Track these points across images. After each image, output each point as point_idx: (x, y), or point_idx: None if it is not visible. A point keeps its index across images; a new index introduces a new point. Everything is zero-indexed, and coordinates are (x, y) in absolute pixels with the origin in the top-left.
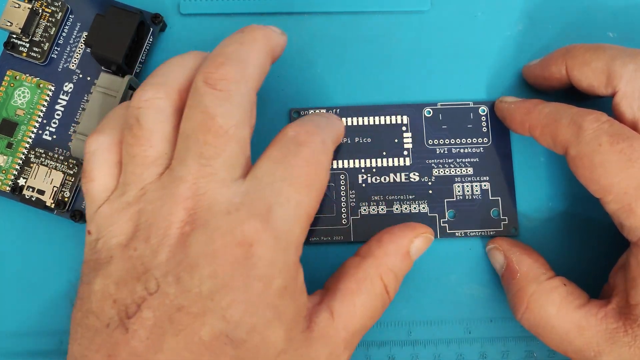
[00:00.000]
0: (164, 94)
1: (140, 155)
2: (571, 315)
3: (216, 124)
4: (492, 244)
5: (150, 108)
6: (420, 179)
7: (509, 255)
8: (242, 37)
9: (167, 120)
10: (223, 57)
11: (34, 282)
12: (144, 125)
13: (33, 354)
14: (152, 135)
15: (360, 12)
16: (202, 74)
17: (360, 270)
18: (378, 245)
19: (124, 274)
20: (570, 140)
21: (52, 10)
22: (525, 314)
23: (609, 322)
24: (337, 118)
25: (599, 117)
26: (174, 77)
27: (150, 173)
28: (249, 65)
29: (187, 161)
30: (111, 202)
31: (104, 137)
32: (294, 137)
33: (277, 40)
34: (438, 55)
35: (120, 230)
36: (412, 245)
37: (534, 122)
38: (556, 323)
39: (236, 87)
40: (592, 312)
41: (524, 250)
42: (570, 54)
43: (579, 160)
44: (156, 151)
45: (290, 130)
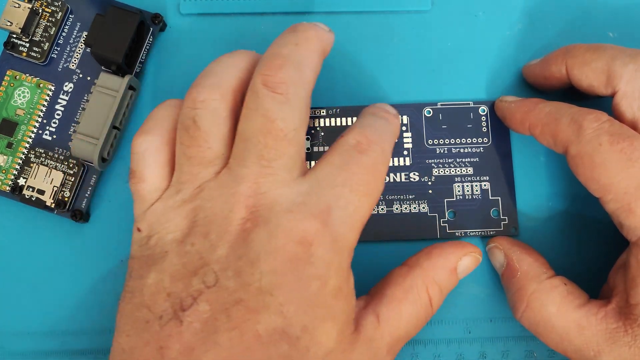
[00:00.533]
0: (219, 96)
1: (198, 156)
2: (571, 315)
3: (276, 128)
4: (492, 242)
5: (207, 109)
6: (420, 179)
7: (509, 254)
8: (297, 37)
9: (223, 121)
10: (281, 59)
11: (35, 282)
12: (201, 126)
13: (34, 353)
14: (209, 136)
15: (360, 12)
16: (260, 76)
17: (407, 279)
18: (427, 258)
19: (180, 267)
20: (570, 139)
21: (52, 10)
22: (525, 313)
23: (609, 322)
24: (394, 117)
25: (600, 117)
26: (227, 78)
27: (207, 172)
28: (306, 68)
29: (247, 162)
30: (165, 200)
31: (153, 137)
32: (356, 145)
33: (327, 39)
34: (438, 55)
35: (176, 226)
36: (460, 263)
37: (534, 120)
38: (556, 322)
39: (295, 90)
40: (592, 312)
41: (524, 249)
42: (570, 54)
43: (579, 160)
44: (213, 152)
45: (350, 137)
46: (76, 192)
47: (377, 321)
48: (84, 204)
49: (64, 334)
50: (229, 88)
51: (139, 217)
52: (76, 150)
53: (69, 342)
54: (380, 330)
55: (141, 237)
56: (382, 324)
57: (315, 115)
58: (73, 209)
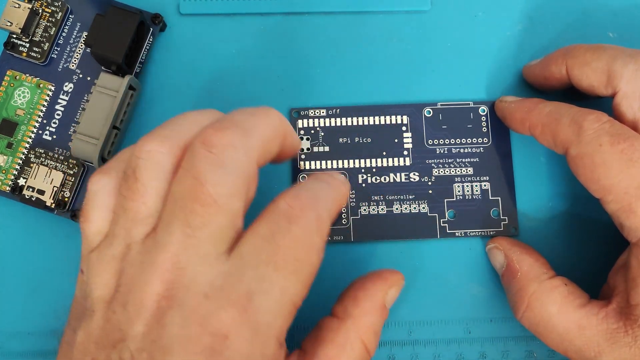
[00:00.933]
0: (167, 149)
1: (132, 210)
2: (572, 315)
3: (205, 192)
4: (492, 243)
5: (150, 161)
6: (420, 179)
7: (509, 255)
8: (256, 110)
9: (164, 176)
10: (228, 123)
11: (34, 282)
12: (140, 178)
13: (33, 353)
14: (146, 190)
15: (360, 12)
16: (201, 135)
17: (339, 334)
18: (355, 305)
19: (103, 335)
20: (571, 139)
21: (52, 10)
22: (526, 313)
23: (609, 322)
24: (340, 181)
25: (600, 117)
26: (182, 132)
27: (137, 232)
28: (253, 136)
29: (172, 227)
30: (100, 251)
31: (107, 180)
32: (286, 211)
33: (291, 131)
34: (438, 55)
35: (103, 283)
36: (387, 297)
37: (535, 121)
38: (557, 322)
39: (233, 154)
40: (592, 312)
41: (524, 249)
42: (570, 54)
43: (580, 160)
44: (147, 208)
45: (282, 202)
46: (76, 192)
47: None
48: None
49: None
50: (180, 144)
51: (83, 258)
52: (76, 150)
53: None
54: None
55: (82, 280)
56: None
57: (315, 115)
58: (73, 209)
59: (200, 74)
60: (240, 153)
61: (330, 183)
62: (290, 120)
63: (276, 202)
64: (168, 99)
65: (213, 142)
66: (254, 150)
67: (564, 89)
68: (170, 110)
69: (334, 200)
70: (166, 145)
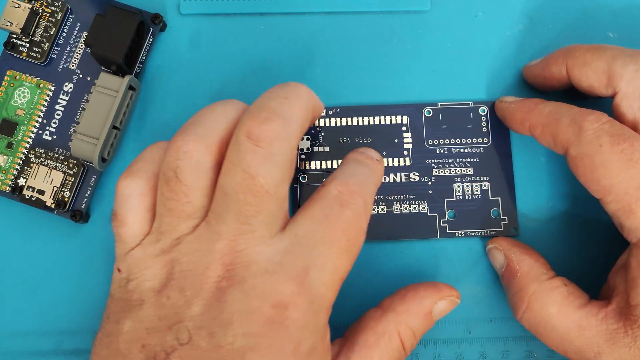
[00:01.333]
0: (205, 147)
1: (177, 209)
2: (572, 315)
3: (257, 184)
4: (492, 243)
5: (190, 161)
6: (420, 179)
7: (509, 255)
8: (287, 92)
9: (206, 175)
10: (267, 112)
11: (34, 282)
12: (183, 179)
13: (33, 353)
14: (190, 190)
15: (360, 12)
16: (244, 128)
17: (380, 324)
18: (401, 302)
19: (156, 320)
20: (570, 140)
21: (52, 10)
22: (526, 314)
23: (609, 323)
24: (377, 162)
25: (600, 118)
26: (215, 129)
27: (186, 225)
28: (293, 122)
29: (225, 218)
30: (145, 247)
31: (138, 181)
32: (337, 196)
33: (318, 101)
34: (438, 55)
35: (153, 275)
36: (435, 307)
37: (535, 121)
38: (557, 323)
39: (279, 145)
40: (592, 312)
41: (524, 249)
42: (570, 54)
43: (580, 161)
44: (193, 206)
45: (332, 187)
46: (76, 192)
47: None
48: (84, 204)
49: (62, 334)
50: (216, 139)
51: (119, 258)
52: (76, 150)
53: (67, 342)
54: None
55: (121, 277)
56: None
57: None
58: (73, 209)
59: (200, 74)
60: (284, 143)
61: (372, 167)
62: None
63: (326, 188)
64: (168, 99)
65: (259, 135)
66: (295, 138)
67: (564, 89)
68: (170, 110)
69: (375, 184)
70: (202, 144)
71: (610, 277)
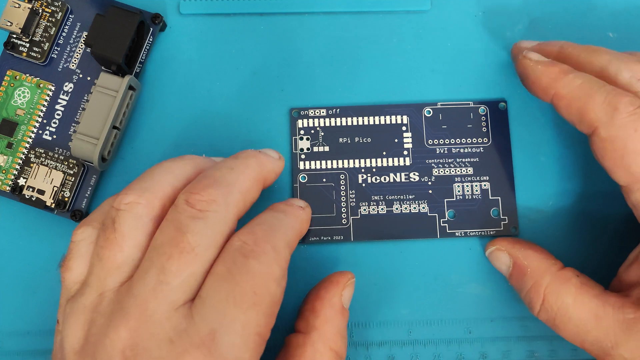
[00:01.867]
0: (145, 201)
1: (109, 258)
2: (588, 305)
3: (185, 240)
4: (492, 245)
5: (129, 212)
6: (420, 179)
7: (514, 254)
8: (234, 163)
9: (143, 227)
10: (210, 180)
11: (34, 282)
12: (118, 228)
13: (33, 353)
14: (124, 239)
15: (360, 12)
16: (185, 193)
17: (307, 348)
18: (315, 316)
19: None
20: (602, 120)
21: (52, 10)
22: (544, 306)
23: (626, 312)
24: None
25: (635, 101)
26: (160, 185)
27: (112, 280)
28: (234, 191)
29: (147, 274)
30: (73, 302)
31: (90, 230)
32: (240, 247)
33: (270, 167)
34: (438, 55)
35: (73, 335)
36: (343, 299)
37: (562, 92)
38: (573, 313)
39: (215, 209)
40: (609, 302)
41: (526, 245)
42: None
43: (610, 144)
44: (124, 256)
45: (236, 239)
46: (76, 192)
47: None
48: (84, 204)
49: None
50: (159, 195)
51: (60, 308)
52: (76, 150)
53: None
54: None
55: (57, 329)
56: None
57: (315, 115)
58: (73, 209)
59: (200, 74)
60: (221, 208)
61: (287, 212)
62: (290, 120)
63: (231, 241)
64: (168, 99)
65: (196, 199)
66: (234, 206)
67: None
68: (170, 110)
69: (291, 228)
70: (144, 198)
71: (623, 271)
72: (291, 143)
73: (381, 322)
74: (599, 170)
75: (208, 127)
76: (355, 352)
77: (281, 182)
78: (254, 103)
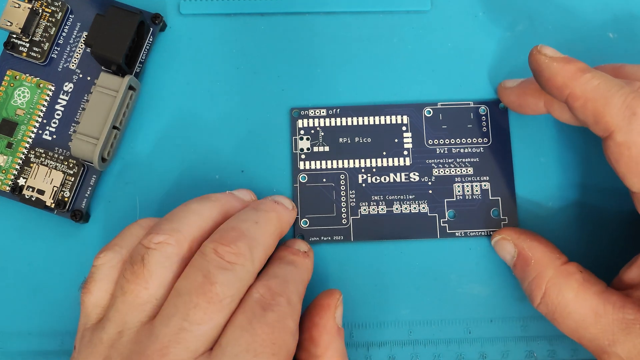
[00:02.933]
0: (175, 242)
1: (133, 293)
2: (589, 301)
3: (213, 291)
4: (499, 235)
5: (159, 250)
6: (420, 179)
7: (519, 244)
8: (259, 216)
9: (171, 267)
10: (237, 232)
11: (34, 282)
12: (147, 264)
13: (34, 353)
14: (152, 277)
15: (360, 12)
16: (213, 243)
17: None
18: (315, 345)
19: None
20: (619, 125)
21: (52, 10)
22: (544, 299)
23: (626, 312)
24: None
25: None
26: (189, 226)
27: (134, 317)
28: (259, 246)
29: (171, 320)
30: (92, 332)
31: (113, 255)
32: (259, 299)
33: (287, 220)
34: (438, 55)
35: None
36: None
37: (578, 92)
38: (573, 308)
39: (243, 263)
40: (610, 300)
41: (532, 236)
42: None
43: (626, 149)
44: (148, 294)
45: (254, 291)
46: (76, 192)
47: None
48: (84, 204)
49: (62, 334)
50: (188, 237)
51: (78, 333)
52: (76, 150)
53: (68, 342)
54: None
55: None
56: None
57: (315, 115)
58: (73, 209)
59: (200, 74)
60: (247, 263)
61: (296, 263)
62: (290, 120)
63: (249, 292)
64: (168, 99)
65: (225, 250)
66: (259, 261)
67: None
68: (170, 110)
69: (302, 281)
70: (174, 239)
71: (626, 273)
72: (291, 143)
73: (381, 322)
74: (598, 171)
75: (208, 127)
76: (356, 352)
77: (281, 182)
78: (254, 103)
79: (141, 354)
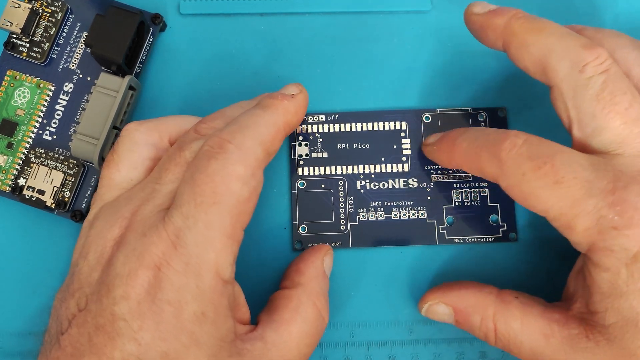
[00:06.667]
0: (145, 129)
1: (107, 177)
2: (534, 325)
3: (182, 155)
4: (425, 303)
5: (126, 137)
6: (419, 185)
7: (448, 301)
8: (249, 104)
9: (137, 150)
10: (218, 113)
11: (34, 282)
12: (116, 150)
13: (34, 353)
14: (121, 161)
15: (360, 12)
16: (195, 125)
17: (292, 299)
18: (300, 274)
19: (66, 290)
20: (495, 174)
21: (52, 10)
22: (497, 336)
23: (571, 328)
24: (283, 99)
25: (515, 142)
26: (164, 121)
27: (111, 194)
28: (244, 130)
29: (146, 185)
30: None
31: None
32: (206, 150)
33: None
34: (438, 57)
35: (79, 245)
36: (325, 266)
37: (458, 160)
38: (523, 336)
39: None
40: (553, 319)
41: (455, 287)
42: (510, 30)
43: (511, 192)
44: (120, 176)
45: (205, 144)
46: (76, 192)
47: (265, 346)
48: (84, 204)
49: None
50: (160, 127)
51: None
52: (76, 150)
53: None
54: (268, 354)
55: None
56: (271, 349)
57: (314, 121)
58: (73, 209)
59: (200, 74)
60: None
61: (268, 106)
62: None
63: (201, 147)
64: (168, 99)
65: (201, 127)
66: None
67: None
68: (170, 110)
69: (268, 125)
70: (143, 126)
71: (570, 281)
72: (290, 149)
73: (381, 322)
74: None
75: None
76: (356, 352)
77: (279, 188)
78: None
79: (116, 217)
